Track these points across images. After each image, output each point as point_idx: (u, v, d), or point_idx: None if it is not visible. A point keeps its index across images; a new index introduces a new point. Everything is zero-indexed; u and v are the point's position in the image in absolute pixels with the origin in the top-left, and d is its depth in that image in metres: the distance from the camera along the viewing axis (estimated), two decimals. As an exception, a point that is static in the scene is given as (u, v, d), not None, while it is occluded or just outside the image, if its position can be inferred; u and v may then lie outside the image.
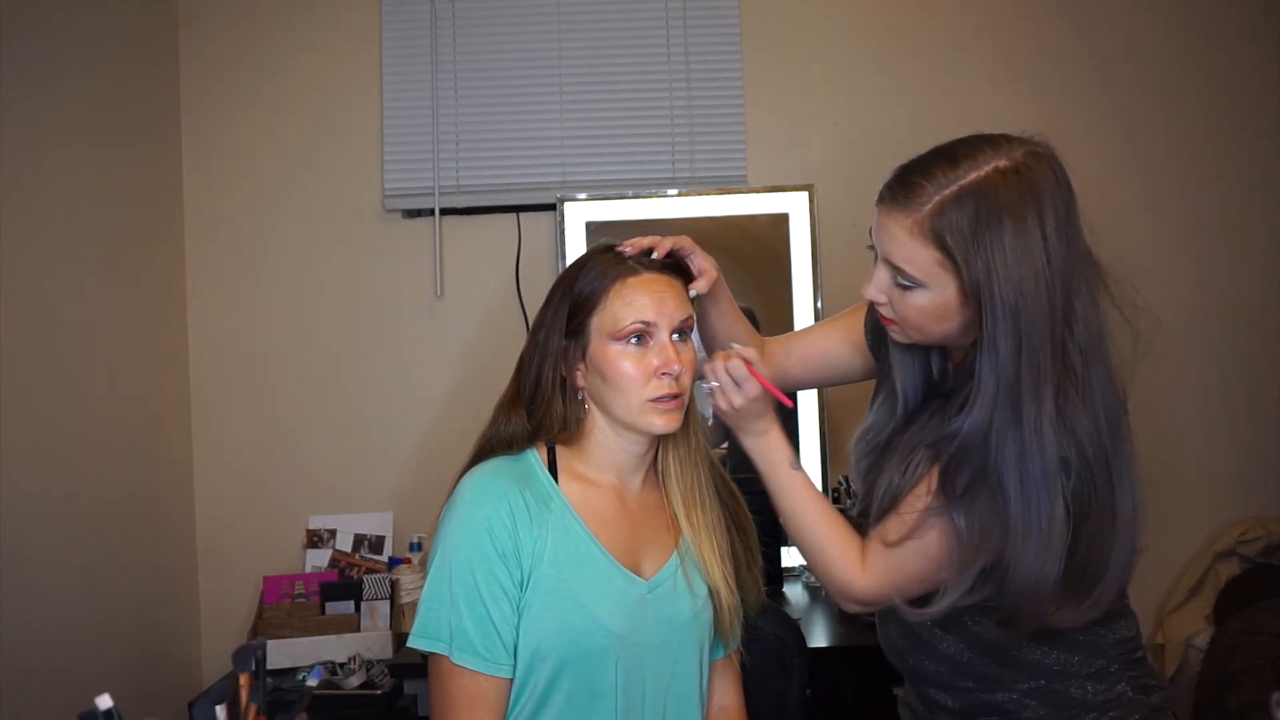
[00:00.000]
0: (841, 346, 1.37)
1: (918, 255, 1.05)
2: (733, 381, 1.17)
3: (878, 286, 1.11)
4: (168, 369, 2.34)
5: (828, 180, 2.40)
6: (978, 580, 1.07)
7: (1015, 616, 1.09)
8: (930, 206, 1.03)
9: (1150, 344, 1.10)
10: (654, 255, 1.21)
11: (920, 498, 1.11)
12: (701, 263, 1.26)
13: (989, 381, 1.04)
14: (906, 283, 1.07)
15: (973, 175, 1.03)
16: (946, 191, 1.03)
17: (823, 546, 1.19)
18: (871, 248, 1.13)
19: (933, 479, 1.10)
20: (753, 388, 1.16)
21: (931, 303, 1.07)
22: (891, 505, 1.14)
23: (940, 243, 1.03)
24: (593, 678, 1.14)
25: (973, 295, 1.03)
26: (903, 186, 1.06)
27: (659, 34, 2.44)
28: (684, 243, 1.24)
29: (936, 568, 1.10)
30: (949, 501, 1.08)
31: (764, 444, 1.21)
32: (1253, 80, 2.45)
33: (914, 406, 1.20)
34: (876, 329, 1.33)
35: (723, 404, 1.18)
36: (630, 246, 1.21)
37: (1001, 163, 1.03)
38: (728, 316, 1.36)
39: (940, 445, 1.10)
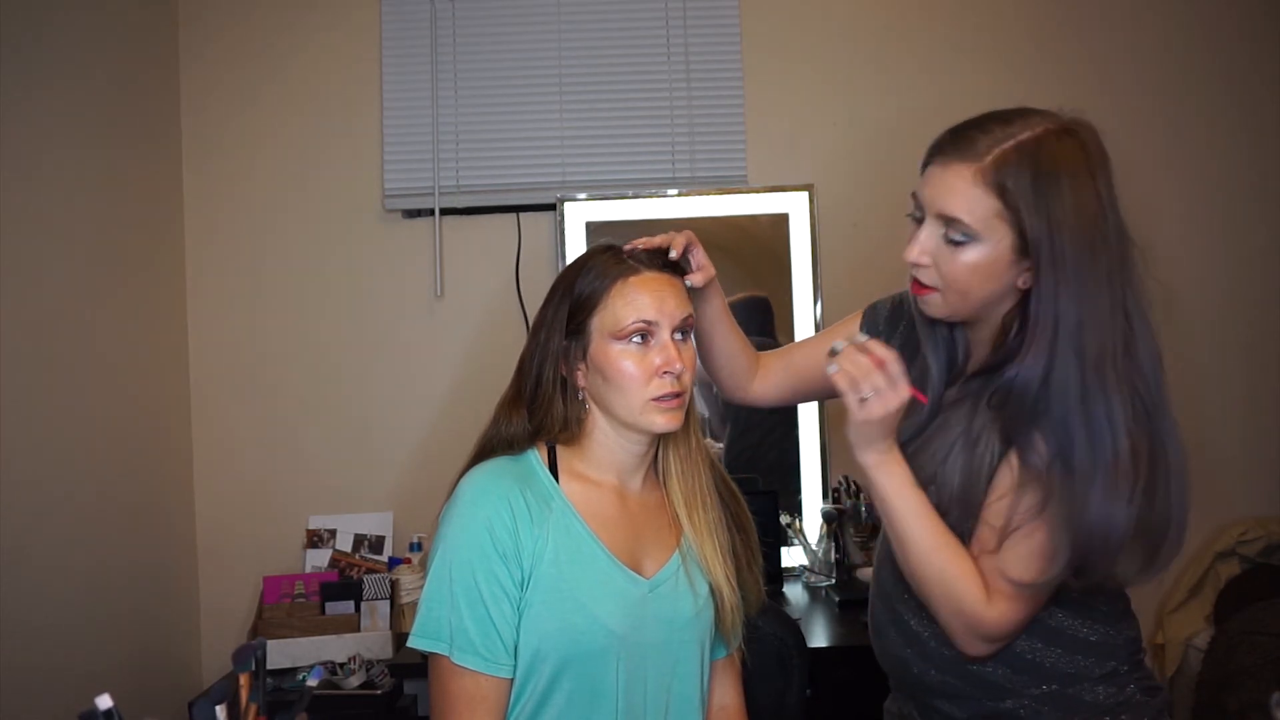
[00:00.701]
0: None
1: (978, 205, 1.06)
2: (886, 384, 1.06)
3: (922, 248, 1.10)
4: (168, 369, 2.34)
5: (828, 180, 2.40)
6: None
7: (1087, 562, 1.06)
8: (991, 158, 1.05)
9: (1170, 314, 1.14)
10: (671, 254, 1.22)
11: (1004, 496, 1.08)
12: (702, 258, 1.26)
13: (1045, 330, 1.05)
14: (960, 237, 1.07)
15: (1027, 134, 1.06)
16: (1006, 145, 1.06)
17: (944, 571, 1.09)
18: (912, 215, 1.13)
19: (1013, 466, 1.08)
20: (906, 388, 1.07)
21: (984, 258, 1.07)
22: (966, 510, 1.11)
23: (1002, 192, 1.05)
24: (594, 677, 1.14)
25: (1034, 247, 1.05)
26: (962, 139, 1.09)
27: (659, 34, 2.44)
28: (691, 238, 1.25)
29: (1053, 559, 1.06)
30: (1038, 474, 1.06)
31: (890, 460, 1.11)
32: (1252, 80, 2.45)
33: (942, 387, 1.19)
34: (871, 332, 1.33)
35: (878, 410, 1.06)
36: (642, 244, 1.21)
37: (1051, 125, 1.08)
38: (724, 322, 1.36)
39: (994, 399, 1.09)
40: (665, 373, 1.15)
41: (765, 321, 2.40)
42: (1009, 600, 1.08)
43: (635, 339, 1.15)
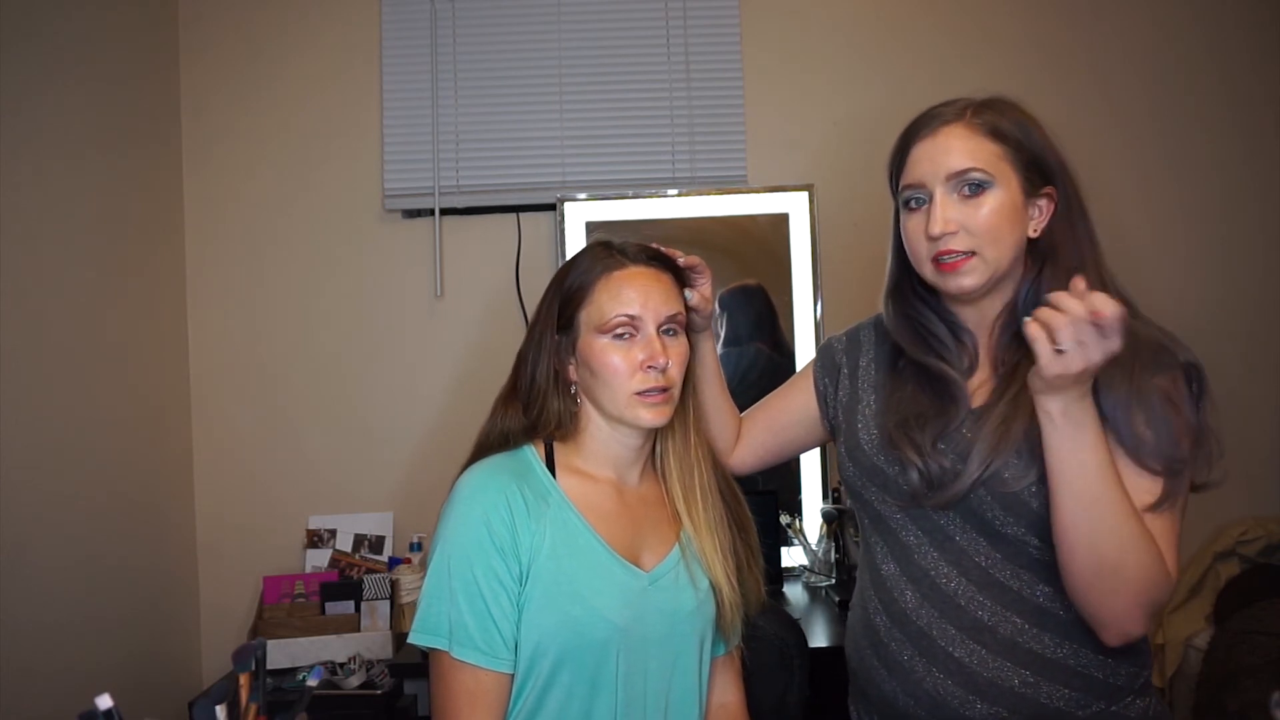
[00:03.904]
0: (799, 397, 1.37)
1: (982, 150, 1.11)
2: (1095, 338, 0.94)
3: (944, 216, 1.11)
4: (168, 369, 2.34)
5: (828, 180, 2.40)
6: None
7: (1181, 477, 1.06)
8: (970, 113, 1.14)
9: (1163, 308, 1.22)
10: (680, 260, 1.23)
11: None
12: (708, 290, 1.28)
13: (1082, 242, 1.12)
14: (977, 181, 1.11)
15: (978, 97, 1.16)
16: (974, 103, 1.15)
17: (1141, 535, 1.01)
18: (913, 200, 1.15)
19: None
20: (1118, 341, 0.95)
21: (1003, 201, 1.11)
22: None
23: (995, 133, 1.12)
24: (593, 670, 1.14)
25: (1051, 171, 1.12)
26: (932, 116, 1.16)
27: (659, 34, 2.44)
28: (704, 266, 1.28)
29: (1178, 434, 1.05)
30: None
31: (1087, 408, 1.01)
32: (1251, 80, 2.45)
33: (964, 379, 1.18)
34: (830, 370, 1.34)
35: (1077, 365, 0.95)
36: (655, 246, 1.23)
37: (981, 95, 1.18)
38: (715, 383, 1.36)
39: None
40: (649, 367, 1.15)
41: (763, 312, 2.39)
42: (1167, 548, 1.04)
43: (620, 333, 1.16)
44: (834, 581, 2.19)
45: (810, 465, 2.37)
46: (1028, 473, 1.08)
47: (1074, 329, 0.94)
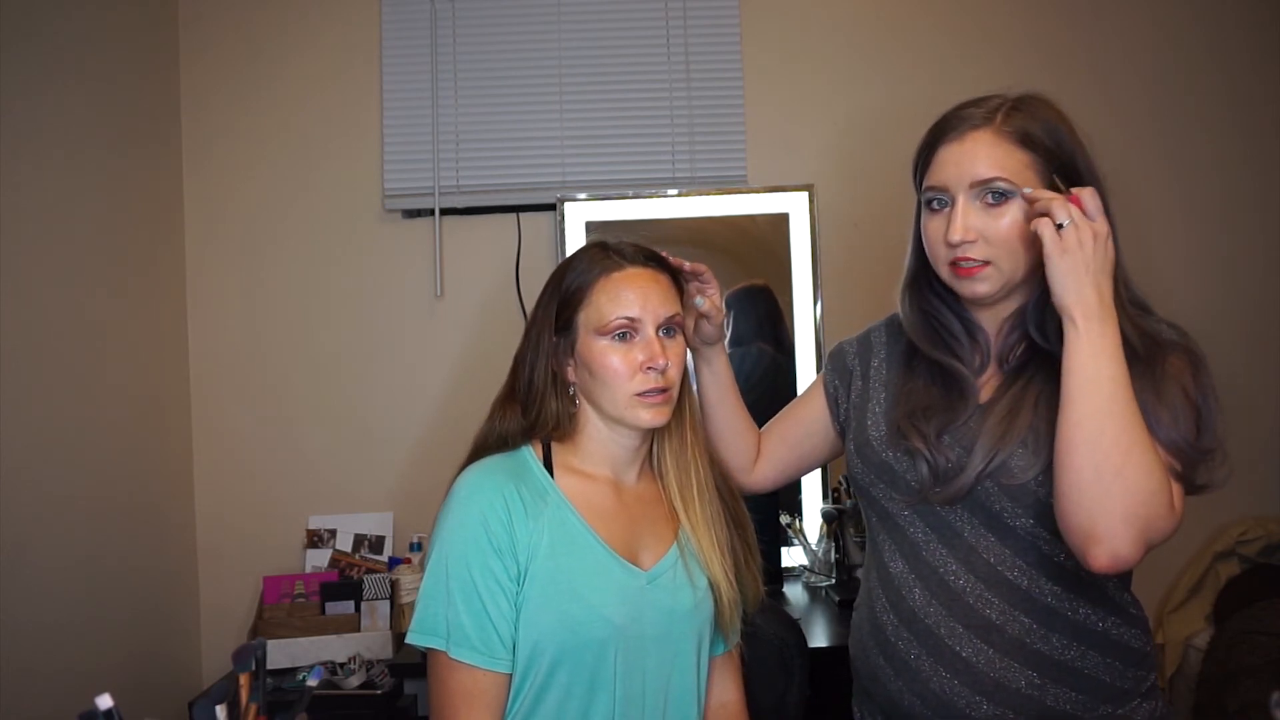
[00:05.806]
0: (812, 407, 1.37)
1: (1009, 159, 1.10)
2: (1080, 217, 1.03)
3: (965, 224, 1.10)
4: (168, 369, 2.34)
5: (828, 180, 2.40)
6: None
7: (1193, 466, 1.05)
8: (1000, 117, 1.12)
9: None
10: (686, 268, 1.25)
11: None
12: (717, 298, 1.30)
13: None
14: (1002, 190, 1.09)
15: (1010, 98, 1.14)
16: (1005, 106, 1.13)
17: (1147, 445, 1.00)
18: (935, 201, 1.14)
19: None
20: (1101, 220, 1.04)
21: (1025, 213, 1.09)
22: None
23: (1025, 140, 1.10)
24: (591, 669, 1.14)
25: (1082, 178, 1.10)
26: (960, 118, 1.13)
27: (659, 34, 2.44)
28: (709, 273, 1.29)
29: (1182, 422, 1.06)
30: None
31: (1113, 325, 1.03)
32: (1251, 80, 2.45)
33: (975, 375, 1.18)
34: (841, 373, 1.34)
35: (1086, 233, 1.02)
36: (665, 254, 1.24)
37: (1016, 93, 1.16)
38: (730, 397, 1.36)
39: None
40: (649, 368, 1.16)
41: (767, 312, 2.39)
42: (1175, 494, 1.04)
43: (619, 335, 1.16)
44: (834, 581, 2.19)
45: (810, 465, 2.37)
46: (1035, 463, 1.08)
47: (1064, 207, 1.03)
